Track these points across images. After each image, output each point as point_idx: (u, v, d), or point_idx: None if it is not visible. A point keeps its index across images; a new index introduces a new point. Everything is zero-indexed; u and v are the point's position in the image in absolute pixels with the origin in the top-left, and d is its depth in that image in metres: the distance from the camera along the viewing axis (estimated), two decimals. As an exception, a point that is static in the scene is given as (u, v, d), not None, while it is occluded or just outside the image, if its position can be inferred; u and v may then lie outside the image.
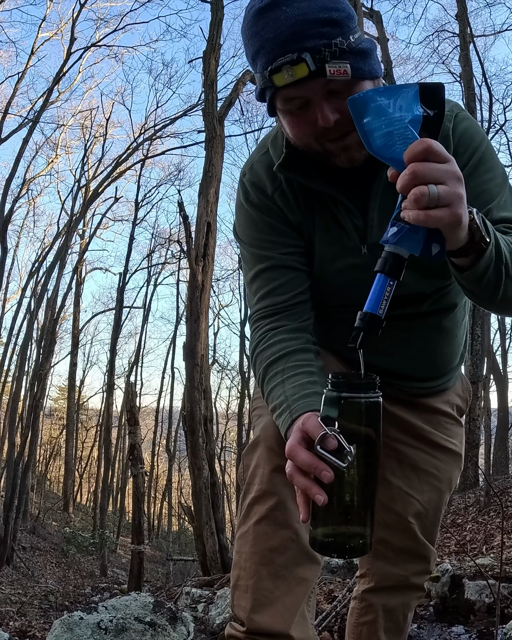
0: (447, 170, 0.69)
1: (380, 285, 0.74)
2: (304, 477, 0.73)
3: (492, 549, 5.51)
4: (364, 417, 0.71)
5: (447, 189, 0.69)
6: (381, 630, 1.33)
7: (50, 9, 15.88)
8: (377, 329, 0.75)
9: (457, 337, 1.22)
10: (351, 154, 0.95)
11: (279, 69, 0.86)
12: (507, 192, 1.01)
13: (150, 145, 19.25)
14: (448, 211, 0.69)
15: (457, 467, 1.29)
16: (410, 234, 0.73)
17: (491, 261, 0.82)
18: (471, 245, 0.78)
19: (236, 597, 1.05)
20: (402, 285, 1.06)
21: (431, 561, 1.31)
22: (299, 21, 0.85)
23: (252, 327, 1.10)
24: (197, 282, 7.89)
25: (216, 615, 2.71)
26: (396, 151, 0.71)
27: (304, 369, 0.97)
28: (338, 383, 0.71)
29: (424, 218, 0.69)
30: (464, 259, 0.81)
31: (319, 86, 0.87)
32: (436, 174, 0.68)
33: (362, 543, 0.74)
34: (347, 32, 0.87)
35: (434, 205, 0.68)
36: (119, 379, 23.90)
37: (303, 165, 1.02)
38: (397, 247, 0.73)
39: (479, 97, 12.47)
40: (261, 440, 1.06)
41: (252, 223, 1.10)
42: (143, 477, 6.44)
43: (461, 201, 0.70)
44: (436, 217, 0.69)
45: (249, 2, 0.92)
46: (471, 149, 1.00)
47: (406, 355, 1.18)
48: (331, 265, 1.09)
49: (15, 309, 19.68)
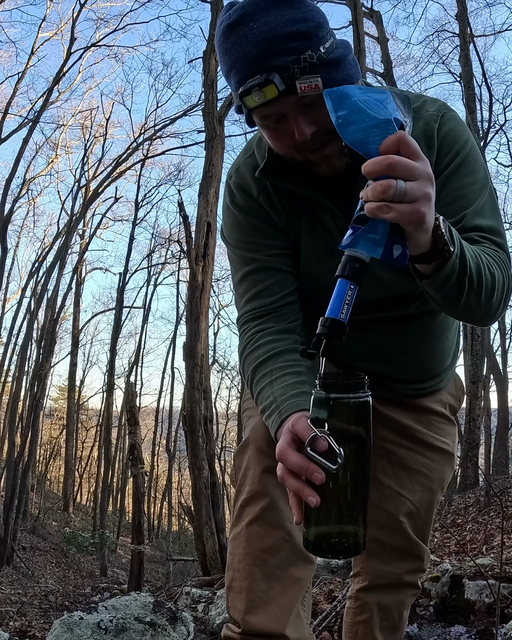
0: (420, 168, 0.68)
1: (340, 290, 0.72)
2: (296, 479, 0.73)
3: (492, 549, 5.51)
4: (354, 417, 0.71)
5: (416, 185, 0.67)
6: (377, 629, 1.33)
7: (50, 9, 15.90)
8: (340, 334, 0.72)
9: (448, 338, 1.21)
10: (332, 162, 0.95)
11: (249, 92, 0.85)
12: (486, 198, 0.99)
13: (150, 145, 19.27)
14: (412, 207, 0.67)
15: (450, 466, 1.30)
16: (369, 235, 0.71)
17: (453, 271, 0.80)
18: (433, 252, 0.76)
19: (231, 599, 1.05)
20: (389, 287, 1.07)
21: (424, 559, 1.32)
22: (266, 39, 0.84)
23: (240, 330, 1.10)
24: (197, 282, 7.89)
25: (216, 615, 2.71)
26: (373, 147, 0.70)
27: (293, 369, 0.97)
28: (327, 384, 0.71)
29: (386, 210, 0.67)
30: (426, 266, 0.80)
31: (291, 102, 0.87)
32: (409, 168, 0.67)
33: (356, 543, 0.73)
34: (317, 43, 0.85)
35: (399, 200, 0.67)
36: (119, 379, 23.93)
37: (286, 170, 1.02)
38: (356, 250, 0.71)
39: (479, 97, 12.49)
40: (250, 442, 1.07)
41: (238, 225, 1.11)
42: (143, 477, 6.44)
43: (427, 201, 0.69)
44: (398, 210, 0.67)
45: (220, 15, 0.91)
46: (455, 151, 0.99)
47: (397, 359, 1.17)
48: (317, 267, 1.09)
49: (15, 309, 19.71)
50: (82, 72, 18.04)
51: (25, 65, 14.64)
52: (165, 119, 18.88)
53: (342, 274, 0.71)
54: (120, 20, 16.06)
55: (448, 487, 1.38)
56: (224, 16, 0.89)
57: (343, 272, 0.71)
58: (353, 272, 0.71)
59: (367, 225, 0.70)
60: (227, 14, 0.89)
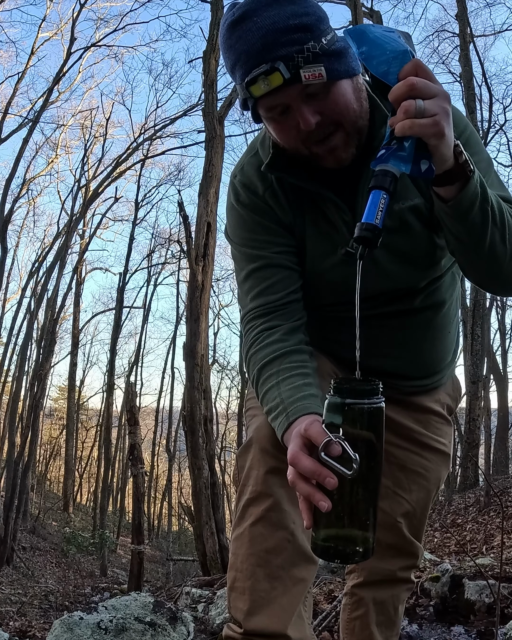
0: (436, 87, 0.78)
1: (374, 199, 0.77)
2: (307, 484, 0.73)
3: (492, 549, 5.51)
4: (368, 423, 0.71)
5: (433, 102, 0.77)
6: (373, 623, 1.35)
7: (50, 9, 15.90)
8: (376, 239, 0.77)
9: (450, 333, 1.23)
10: (338, 154, 0.96)
11: (255, 80, 0.88)
12: (493, 175, 1.03)
13: (150, 145, 19.27)
14: (432, 120, 0.76)
15: (445, 466, 1.32)
16: (398, 153, 0.78)
17: (476, 196, 0.86)
18: (456, 169, 0.83)
19: (233, 599, 1.05)
20: (394, 280, 1.09)
21: (418, 557, 1.34)
22: (270, 31, 0.87)
23: (245, 328, 1.10)
24: (197, 282, 7.89)
25: (216, 615, 2.70)
26: (394, 77, 0.79)
27: (299, 370, 0.97)
28: (341, 389, 0.70)
29: (410, 125, 0.76)
30: (450, 188, 0.86)
31: (296, 92, 0.89)
32: (428, 87, 0.77)
33: (365, 548, 0.73)
34: (318, 35, 0.88)
35: (421, 115, 0.76)
36: (119, 379, 23.92)
37: (290, 165, 1.03)
38: (386, 164, 0.78)
39: (479, 97, 12.49)
40: (254, 442, 1.06)
41: (243, 223, 1.11)
42: (143, 477, 6.44)
43: (446, 115, 0.77)
44: (420, 124, 0.76)
45: (223, 15, 0.94)
46: (456, 134, 1.01)
47: (401, 354, 1.18)
48: (323, 262, 1.09)
49: (15, 309, 19.70)
50: (82, 72, 18.08)
51: (25, 65, 14.65)
52: (165, 119, 18.93)
53: (376, 184, 0.77)
54: (120, 20, 16.11)
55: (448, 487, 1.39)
56: (228, 14, 0.92)
57: (376, 183, 0.77)
58: (386, 183, 0.77)
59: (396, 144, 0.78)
60: (230, 12, 0.91)
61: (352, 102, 0.93)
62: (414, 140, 0.78)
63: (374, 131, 1.00)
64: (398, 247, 1.04)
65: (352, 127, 0.95)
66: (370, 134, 1.00)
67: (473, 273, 1.03)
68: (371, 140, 1.00)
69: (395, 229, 1.03)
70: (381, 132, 0.99)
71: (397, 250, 1.05)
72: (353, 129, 0.95)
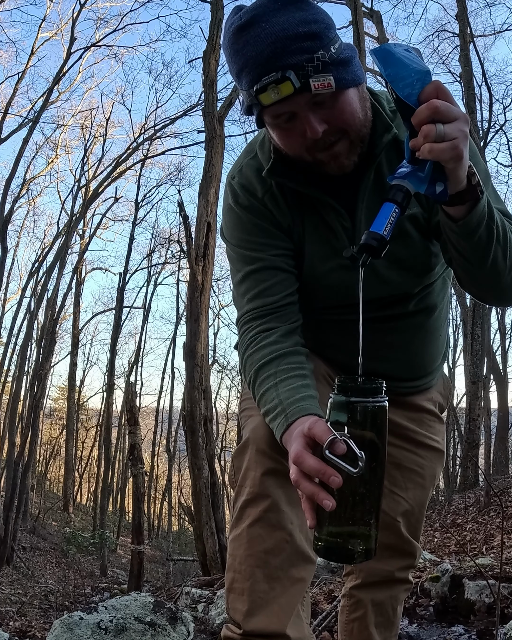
0: (458, 110, 0.78)
1: (385, 210, 0.79)
2: (311, 483, 0.73)
3: (492, 549, 5.51)
4: (372, 422, 0.71)
5: (453, 125, 0.77)
6: (372, 625, 1.35)
7: (50, 9, 15.90)
8: (381, 249, 0.78)
9: (441, 336, 1.25)
10: (341, 161, 0.97)
11: (265, 89, 0.87)
12: (490, 188, 1.04)
13: (150, 145, 19.27)
14: (451, 144, 0.76)
15: (440, 463, 1.33)
16: (417, 173, 0.80)
17: (483, 215, 0.88)
18: (468, 189, 0.84)
19: (231, 600, 1.04)
20: (390, 285, 1.10)
21: (416, 556, 1.34)
22: (280, 38, 0.86)
23: (241, 330, 1.10)
24: (197, 282, 7.88)
25: (216, 615, 2.70)
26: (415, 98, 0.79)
27: (297, 372, 0.98)
28: (346, 387, 0.71)
29: (429, 149, 0.76)
30: (460, 208, 0.87)
31: (304, 100, 0.89)
32: (450, 110, 0.77)
33: (368, 548, 0.73)
34: (327, 43, 0.88)
35: (441, 140, 0.76)
36: (119, 379, 23.92)
37: (291, 170, 1.03)
38: (404, 180, 0.80)
39: (479, 97, 12.50)
40: (250, 442, 1.06)
41: (241, 225, 1.11)
42: (143, 477, 6.44)
43: (464, 138, 0.78)
44: (439, 148, 0.76)
45: (228, 18, 0.93)
46: None
47: (394, 357, 1.19)
48: (321, 267, 1.10)
49: (15, 309, 19.69)
50: (82, 72, 18.07)
51: (25, 65, 14.64)
52: (165, 119, 18.92)
53: (390, 197, 0.79)
54: (120, 20, 16.08)
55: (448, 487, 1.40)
56: (234, 18, 0.90)
57: (391, 196, 0.80)
58: (400, 197, 0.79)
59: (416, 165, 0.80)
60: (237, 15, 0.90)
61: (358, 110, 0.94)
62: (432, 164, 0.80)
63: (375, 138, 1.00)
64: (396, 254, 1.04)
65: (356, 135, 0.96)
66: (371, 141, 1.00)
67: (471, 286, 1.04)
68: (373, 148, 1.00)
69: (394, 237, 1.03)
70: (382, 140, 1.00)
71: (395, 257, 1.05)
72: (357, 137, 0.96)
